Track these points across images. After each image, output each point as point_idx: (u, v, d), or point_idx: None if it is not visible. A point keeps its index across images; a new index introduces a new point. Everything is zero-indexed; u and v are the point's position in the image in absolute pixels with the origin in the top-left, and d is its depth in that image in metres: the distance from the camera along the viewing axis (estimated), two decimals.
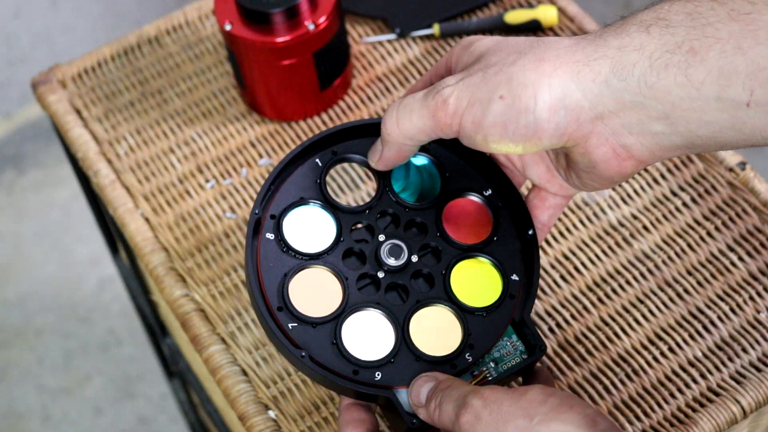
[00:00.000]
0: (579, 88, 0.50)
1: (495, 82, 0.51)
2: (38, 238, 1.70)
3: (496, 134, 0.52)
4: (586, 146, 0.52)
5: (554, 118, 0.51)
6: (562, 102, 0.50)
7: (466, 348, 0.57)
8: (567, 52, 0.51)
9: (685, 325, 0.68)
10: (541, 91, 0.50)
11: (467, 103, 0.52)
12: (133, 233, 0.75)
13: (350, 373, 0.56)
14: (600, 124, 0.51)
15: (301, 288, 0.58)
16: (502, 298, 0.58)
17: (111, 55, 0.87)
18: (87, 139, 0.81)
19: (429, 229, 0.60)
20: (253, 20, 0.75)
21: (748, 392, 0.64)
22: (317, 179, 0.60)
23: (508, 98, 0.51)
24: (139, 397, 1.53)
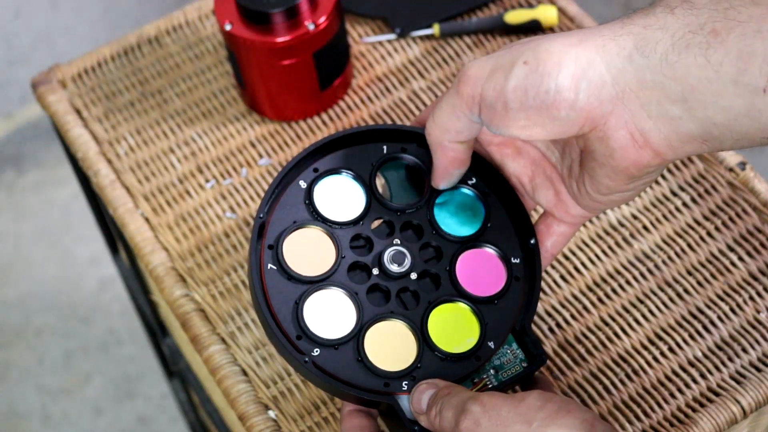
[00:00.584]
0: (603, 61, 0.50)
1: (520, 50, 0.51)
2: (38, 238, 1.70)
3: (516, 100, 0.50)
4: (605, 129, 0.51)
5: (576, 87, 0.50)
6: (586, 73, 0.50)
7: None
8: (594, 29, 0.51)
9: (685, 325, 0.68)
10: (566, 59, 0.50)
11: (489, 71, 0.51)
12: (133, 233, 0.75)
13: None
14: (620, 104, 0.50)
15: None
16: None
17: (111, 55, 0.87)
18: (87, 139, 0.81)
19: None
20: (253, 20, 0.75)
21: (748, 392, 0.64)
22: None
23: (532, 63, 0.50)
24: (139, 397, 1.53)
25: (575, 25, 0.83)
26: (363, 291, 0.58)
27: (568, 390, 0.66)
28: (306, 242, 0.59)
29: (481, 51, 0.83)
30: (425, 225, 0.60)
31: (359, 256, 0.59)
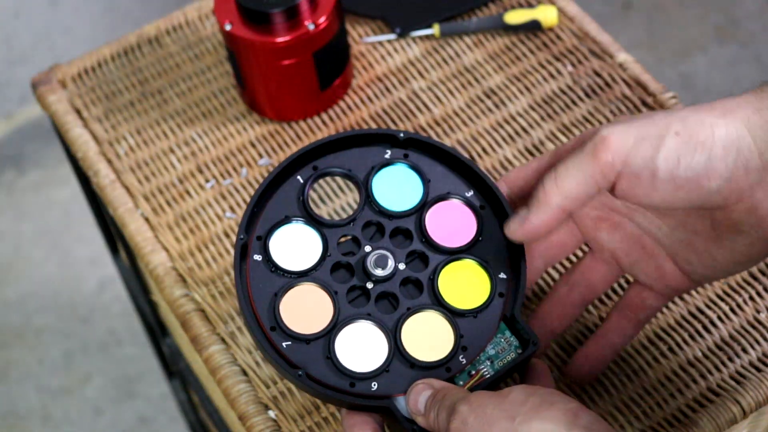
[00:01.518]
0: (750, 133, 0.50)
1: (667, 121, 0.50)
2: (38, 238, 1.70)
3: (666, 170, 0.50)
4: (752, 200, 0.50)
5: (727, 157, 0.50)
6: (735, 144, 0.50)
7: (459, 350, 0.58)
8: (731, 101, 0.51)
9: (685, 325, 0.68)
10: (719, 129, 0.50)
11: (633, 140, 0.51)
12: (133, 233, 0.75)
13: (347, 386, 0.57)
14: (766, 175, 0.50)
15: (292, 306, 0.58)
16: (491, 297, 0.59)
17: (111, 55, 0.87)
18: (87, 139, 0.81)
19: (414, 235, 0.60)
20: (253, 20, 0.75)
21: (748, 392, 0.64)
22: (300, 196, 0.61)
23: (684, 134, 0.50)
24: (139, 397, 1.53)
25: (575, 26, 0.83)
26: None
27: (569, 390, 0.66)
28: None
29: (481, 51, 0.83)
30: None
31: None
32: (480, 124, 0.79)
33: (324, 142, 0.61)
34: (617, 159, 0.51)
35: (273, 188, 0.61)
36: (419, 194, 0.61)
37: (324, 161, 0.61)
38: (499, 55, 0.83)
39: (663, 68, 1.79)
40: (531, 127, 0.79)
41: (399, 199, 0.61)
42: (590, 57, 0.81)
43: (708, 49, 1.82)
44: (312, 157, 0.61)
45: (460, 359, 0.57)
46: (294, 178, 0.61)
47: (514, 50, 0.83)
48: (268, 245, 0.59)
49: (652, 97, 0.78)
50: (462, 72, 0.82)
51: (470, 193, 0.61)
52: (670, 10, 1.87)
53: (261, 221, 0.60)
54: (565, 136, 0.78)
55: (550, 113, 0.79)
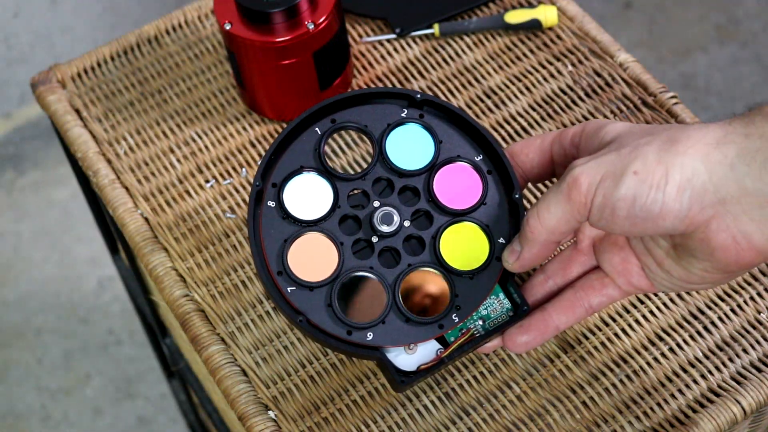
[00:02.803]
0: (706, 170, 0.51)
1: (629, 159, 0.53)
2: (38, 238, 1.70)
3: (623, 209, 0.53)
4: (707, 231, 0.52)
5: (680, 197, 0.52)
6: (690, 182, 0.52)
7: (453, 309, 0.60)
8: (698, 133, 0.53)
9: (686, 325, 0.68)
10: (673, 170, 0.52)
11: (600, 178, 0.53)
12: (133, 233, 0.75)
13: (344, 334, 0.59)
14: (721, 209, 0.52)
15: (300, 253, 0.61)
16: (488, 260, 0.61)
17: (110, 54, 0.87)
18: (86, 139, 0.81)
19: (421, 194, 0.63)
20: (253, 20, 0.75)
21: (749, 393, 0.64)
22: (316, 147, 0.63)
23: (642, 174, 0.52)
24: (139, 397, 1.53)
25: (575, 25, 0.83)
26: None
27: (569, 390, 0.66)
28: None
29: (481, 51, 0.83)
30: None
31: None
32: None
33: (344, 97, 0.63)
34: (588, 198, 0.54)
35: (291, 138, 0.63)
36: (430, 154, 0.63)
37: (342, 115, 0.63)
38: (499, 55, 0.83)
39: (663, 68, 1.79)
40: (531, 127, 0.79)
41: (410, 158, 0.63)
42: (590, 57, 0.81)
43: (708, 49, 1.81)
44: (331, 110, 0.63)
45: (452, 317, 0.60)
46: (312, 129, 0.63)
47: (514, 50, 0.83)
48: (282, 193, 0.62)
49: (652, 97, 0.78)
50: (462, 72, 0.82)
51: (479, 158, 0.63)
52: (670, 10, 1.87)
53: (277, 169, 0.62)
54: None
55: (550, 113, 0.79)
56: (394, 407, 0.66)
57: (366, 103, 0.64)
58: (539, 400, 0.66)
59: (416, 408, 0.66)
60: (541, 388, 0.66)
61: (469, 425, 0.65)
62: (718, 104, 1.74)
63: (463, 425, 0.65)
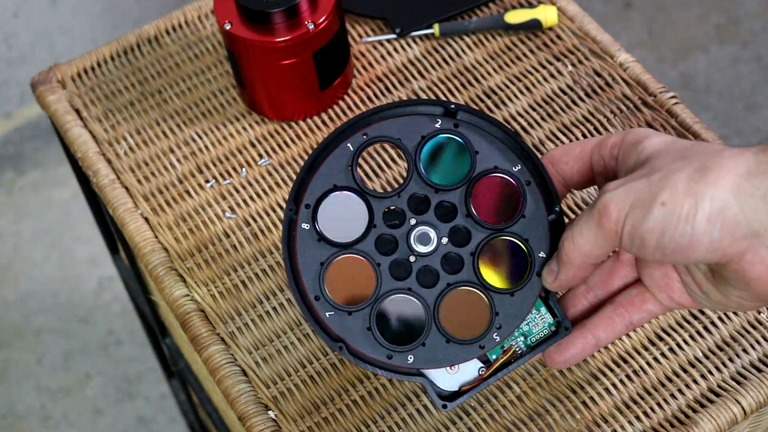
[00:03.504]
0: (738, 202, 0.50)
1: (658, 187, 0.52)
2: (38, 238, 1.70)
3: (652, 240, 0.52)
4: (741, 263, 0.51)
5: (711, 230, 0.51)
6: (721, 215, 0.50)
7: (493, 328, 0.59)
8: (731, 162, 0.51)
9: (686, 325, 0.68)
10: (703, 202, 0.51)
11: (629, 207, 0.53)
12: (133, 233, 0.75)
13: (384, 358, 0.59)
14: (756, 241, 0.51)
15: (337, 276, 0.60)
16: (529, 276, 0.60)
17: (110, 54, 0.87)
18: (86, 139, 0.81)
19: (458, 210, 0.61)
20: (253, 20, 0.75)
21: (749, 393, 0.64)
22: (349, 164, 0.61)
23: (670, 205, 0.51)
24: (139, 397, 1.53)
25: (575, 25, 0.83)
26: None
27: (569, 390, 0.66)
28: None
29: (481, 51, 0.83)
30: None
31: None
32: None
33: (376, 110, 0.61)
34: (618, 227, 0.53)
35: (323, 155, 0.61)
36: (466, 167, 0.61)
37: (374, 129, 0.62)
38: (499, 55, 0.83)
39: (663, 68, 1.79)
40: (531, 127, 0.79)
41: (446, 171, 0.62)
42: (590, 57, 0.81)
43: (709, 49, 1.81)
44: (362, 125, 0.62)
45: (494, 336, 0.59)
46: (344, 145, 0.61)
47: (514, 50, 0.83)
48: (317, 215, 0.60)
49: (652, 97, 0.78)
50: (462, 72, 0.82)
51: (517, 168, 0.61)
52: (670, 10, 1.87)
53: (310, 189, 0.61)
54: (565, 136, 0.78)
55: (550, 113, 0.79)
56: (394, 407, 0.66)
57: (398, 115, 0.62)
58: (539, 400, 0.66)
59: (416, 408, 0.66)
60: (541, 388, 0.66)
61: (469, 425, 0.65)
62: (718, 104, 1.74)
63: (463, 425, 0.65)
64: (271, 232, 0.75)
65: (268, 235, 0.75)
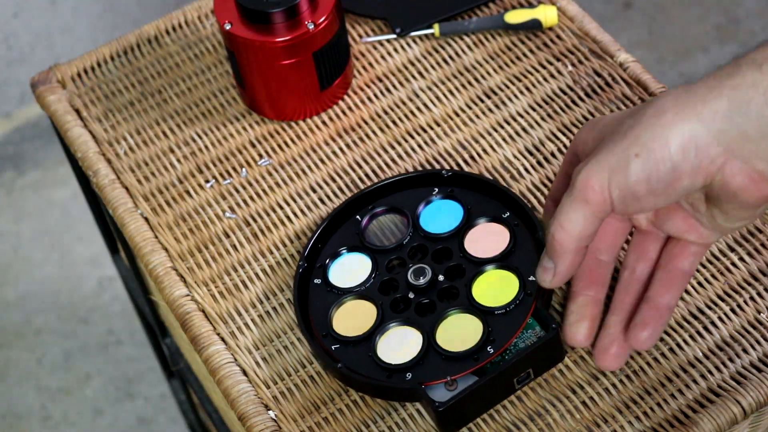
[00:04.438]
0: (703, 127, 0.53)
1: (625, 145, 0.55)
2: (38, 238, 1.70)
3: (642, 189, 0.55)
4: (723, 177, 0.54)
5: (688, 156, 0.54)
6: (692, 141, 0.53)
7: (488, 342, 0.63)
8: (683, 97, 0.54)
9: (686, 325, 0.68)
10: (672, 137, 0.54)
11: (608, 173, 0.55)
12: (133, 233, 0.75)
13: (384, 377, 0.64)
14: (729, 155, 0.54)
15: (343, 316, 0.67)
16: (520, 295, 0.64)
17: (110, 54, 0.87)
18: (86, 139, 0.81)
19: (453, 253, 0.68)
20: (253, 20, 0.75)
21: (749, 393, 0.64)
22: (358, 233, 0.70)
23: (643, 153, 0.54)
24: (139, 397, 1.53)
25: (575, 25, 0.83)
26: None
27: (569, 390, 0.66)
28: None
29: (481, 51, 0.83)
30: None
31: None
32: (480, 124, 0.79)
33: (377, 186, 0.71)
34: (604, 196, 0.55)
35: (334, 226, 0.71)
36: (459, 218, 0.70)
37: (379, 203, 0.71)
38: (499, 55, 0.83)
39: (663, 68, 1.79)
40: (531, 127, 0.79)
41: (442, 224, 0.70)
42: (590, 57, 0.81)
43: (709, 49, 1.81)
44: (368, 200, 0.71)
45: (488, 349, 0.63)
46: (354, 218, 0.71)
47: (514, 50, 0.83)
48: (328, 272, 0.69)
49: (652, 97, 0.78)
50: (462, 72, 0.82)
51: (506, 215, 0.69)
52: (670, 10, 1.87)
53: (323, 252, 0.70)
54: (566, 136, 0.77)
55: (550, 113, 0.79)
56: (394, 407, 0.66)
57: (399, 189, 0.71)
58: (539, 400, 0.66)
59: (416, 408, 0.66)
60: (541, 388, 0.66)
61: (469, 425, 0.65)
62: None
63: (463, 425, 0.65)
64: (271, 232, 0.75)
65: (268, 235, 0.75)
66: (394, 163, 0.77)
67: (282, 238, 0.74)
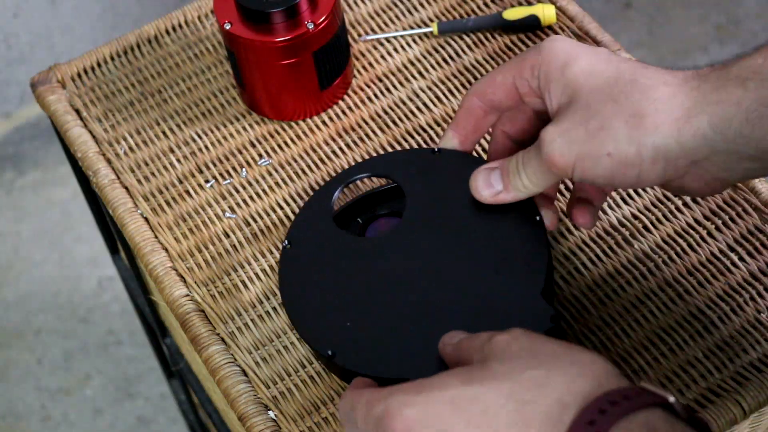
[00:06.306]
0: (678, 143, 0.55)
1: (600, 139, 0.56)
2: (38, 238, 1.70)
3: (602, 180, 0.57)
4: (681, 182, 0.57)
5: (655, 168, 0.56)
6: (664, 156, 0.55)
7: None
8: (666, 105, 0.55)
9: (686, 325, 0.68)
10: (646, 149, 0.55)
11: (576, 157, 0.57)
12: (133, 233, 0.75)
13: None
14: (694, 167, 0.56)
15: None
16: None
17: (110, 54, 0.87)
18: (86, 139, 0.81)
19: None
20: (253, 20, 0.75)
21: (749, 393, 0.64)
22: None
23: (615, 155, 0.56)
24: (139, 397, 1.53)
25: (575, 25, 0.83)
26: None
27: None
28: None
29: (481, 51, 0.83)
30: None
31: None
32: None
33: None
34: (568, 171, 0.58)
35: None
36: None
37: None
38: (499, 54, 0.83)
39: None
40: None
41: None
42: None
43: (709, 49, 1.81)
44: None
45: None
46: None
47: (514, 50, 0.83)
48: None
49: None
50: (462, 72, 0.82)
51: None
52: (670, 10, 1.87)
53: None
54: None
55: None
56: None
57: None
58: None
59: None
60: None
61: None
62: None
63: None
64: (271, 232, 0.75)
65: (268, 235, 0.75)
66: None
67: (282, 238, 0.74)
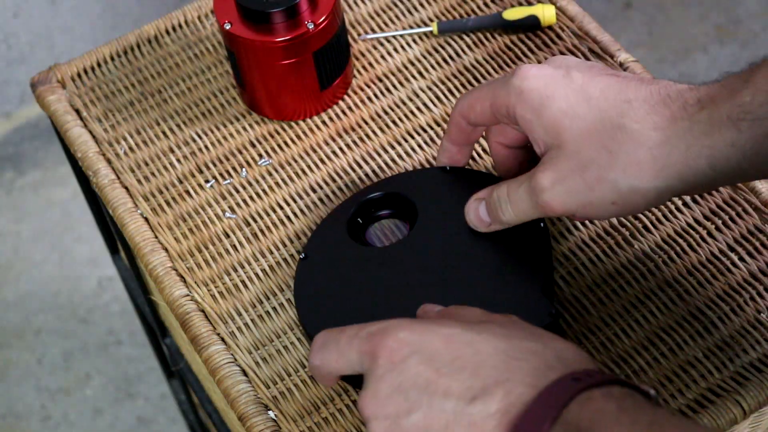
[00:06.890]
0: (682, 182, 0.57)
1: (601, 190, 0.58)
2: (38, 238, 1.70)
3: (604, 218, 0.60)
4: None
5: (661, 200, 0.59)
6: (670, 193, 0.58)
7: None
8: (662, 152, 0.57)
9: (686, 325, 0.68)
10: (650, 193, 0.57)
11: (578, 205, 0.59)
12: (133, 233, 0.75)
13: None
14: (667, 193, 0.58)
15: None
16: None
17: (110, 54, 0.87)
18: (86, 139, 0.81)
19: None
20: (253, 20, 0.75)
21: (749, 393, 0.64)
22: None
23: (620, 204, 0.58)
24: (139, 397, 1.53)
25: (575, 25, 0.83)
26: None
27: None
28: None
29: (481, 51, 0.83)
30: None
31: None
32: None
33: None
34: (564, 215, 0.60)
35: None
36: None
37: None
38: (499, 54, 0.83)
39: (663, 68, 1.79)
40: None
41: None
42: (590, 57, 0.81)
43: (709, 49, 1.81)
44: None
45: None
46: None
47: (514, 50, 0.83)
48: None
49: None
50: (462, 72, 0.82)
51: None
52: (670, 10, 1.87)
53: None
54: None
55: None
56: None
57: None
58: None
59: None
60: None
61: None
62: None
63: None
64: (271, 232, 0.75)
65: (268, 235, 0.75)
66: (394, 163, 0.77)
67: (282, 238, 0.74)
